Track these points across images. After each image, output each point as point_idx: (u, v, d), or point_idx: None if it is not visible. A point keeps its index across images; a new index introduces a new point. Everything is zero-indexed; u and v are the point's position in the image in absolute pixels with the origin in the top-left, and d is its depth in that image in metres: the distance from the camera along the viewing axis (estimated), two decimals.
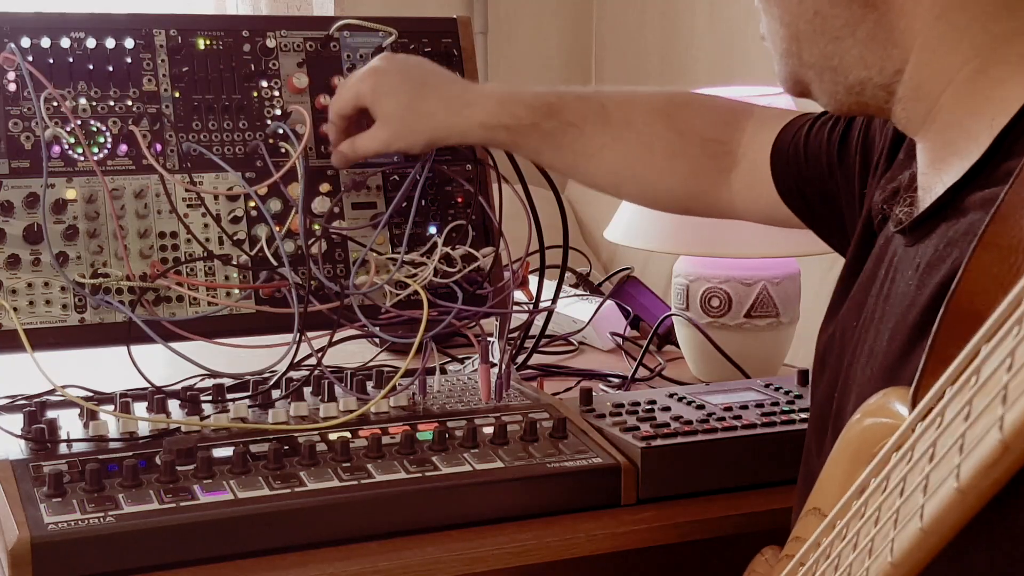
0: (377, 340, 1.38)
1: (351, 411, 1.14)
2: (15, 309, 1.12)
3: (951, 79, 0.81)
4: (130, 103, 1.21)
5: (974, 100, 0.79)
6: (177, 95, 1.23)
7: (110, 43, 1.21)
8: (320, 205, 1.24)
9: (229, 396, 1.16)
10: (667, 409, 1.17)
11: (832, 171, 1.07)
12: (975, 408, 0.46)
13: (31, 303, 1.14)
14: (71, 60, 1.19)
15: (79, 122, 1.18)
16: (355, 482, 1.00)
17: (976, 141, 0.78)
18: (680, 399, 1.21)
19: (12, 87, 1.17)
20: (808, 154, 1.10)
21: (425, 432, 1.09)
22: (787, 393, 1.24)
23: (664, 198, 1.24)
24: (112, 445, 1.05)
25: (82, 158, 1.17)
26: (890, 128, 0.97)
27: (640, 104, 1.21)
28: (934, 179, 0.83)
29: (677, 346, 1.56)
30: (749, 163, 1.17)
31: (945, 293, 0.75)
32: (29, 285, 1.14)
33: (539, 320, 1.40)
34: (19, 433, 1.06)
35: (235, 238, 1.21)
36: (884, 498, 0.56)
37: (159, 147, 1.21)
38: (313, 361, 1.17)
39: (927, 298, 0.78)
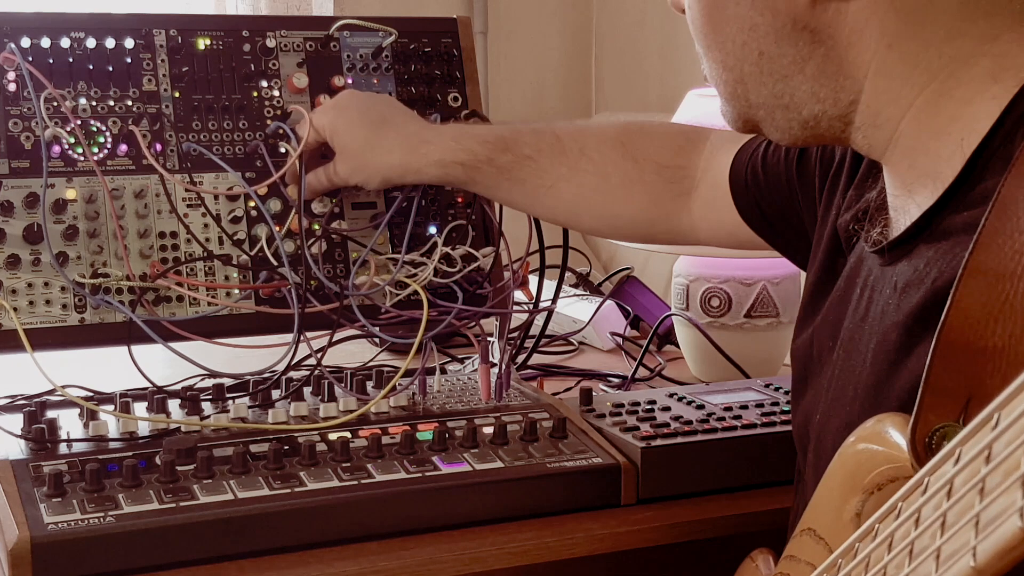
0: (377, 340, 1.38)
1: (351, 411, 1.14)
2: (15, 309, 1.12)
3: (910, 104, 0.79)
4: (130, 103, 1.21)
5: (938, 122, 0.78)
6: (177, 95, 1.23)
7: (110, 43, 1.21)
8: (320, 205, 1.24)
9: (229, 396, 1.16)
10: (667, 409, 1.17)
11: (792, 188, 1.06)
12: (990, 486, 0.45)
13: (31, 303, 1.14)
14: (71, 60, 1.19)
15: (79, 122, 1.18)
16: (355, 482, 1.00)
17: (948, 162, 0.77)
18: (680, 399, 1.21)
19: (12, 87, 1.17)
20: (767, 172, 1.09)
21: (425, 432, 1.09)
22: (787, 393, 1.23)
23: (624, 227, 1.23)
24: (112, 445, 1.05)
25: (82, 158, 1.17)
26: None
27: (594, 134, 1.21)
28: (906, 201, 0.82)
29: (677, 346, 1.56)
30: (708, 186, 1.16)
31: (926, 312, 0.75)
32: (29, 285, 1.14)
33: (539, 320, 1.41)
34: (19, 433, 1.06)
35: (235, 238, 1.21)
36: (891, 557, 0.54)
37: (159, 147, 1.21)
38: (313, 361, 1.17)
39: (908, 317, 0.77)
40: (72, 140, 1.17)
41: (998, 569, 0.45)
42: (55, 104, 1.17)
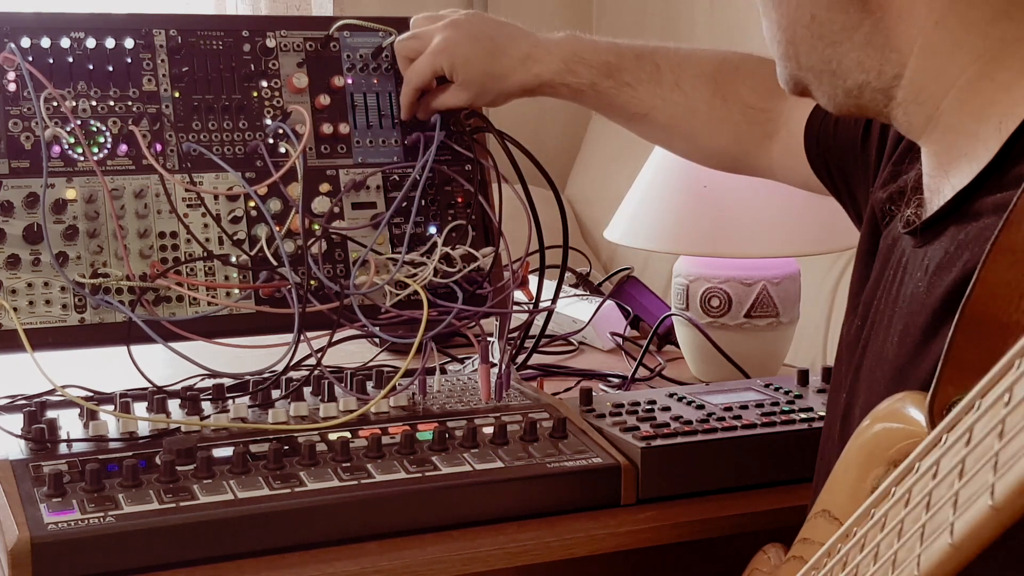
0: (377, 340, 1.38)
1: (351, 411, 1.14)
2: (15, 309, 1.12)
3: (953, 84, 0.80)
4: (130, 103, 1.21)
5: (978, 104, 0.79)
6: (177, 95, 1.23)
7: (110, 43, 1.21)
8: (320, 205, 1.24)
9: (229, 396, 1.16)
10: (667, 409, 1.17)
11: (855, 151, 1.07)
12: (1009, 427, 0.46)
13: (31, 303, 1.13)
14: (71, 60, 1.19)
15: (79, 122, 1.18)
16: (355, 482, 1.00)
17: (984, 144, 0.78)
18: (680, 399, 1.21)
19: (12, 87, 1.17)
20: (838, 130, 1.11)
21: (425, 432, 1.09)
22: (787, 393, 1.24)
23: (710, 157, 1.30)
24: (112, 445, 1.05)
25: (82, 158, 1.17)
26: None
27: (691, 66, 1.26)
28: (941, 181, 0.82)
29: (677, 346, 1.56)
30: (787, 133, 1.19)
31: (956, 295, 0.75)
32: (29, 285, 1.14)
33: (539, 320, 1.40)
34: (19, 433, 1.06)
35: (235, 238, 1.21)
36: (908, 512, 0.55)
37: (159, 147, 1.21)
38: (313, 361, 1.17)
39: (937, 300, 0.77)
40: (72, 140, 1.17)
41: (1017, 506, 0.45)
42: (55, 104, 1.17)
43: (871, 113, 0.88)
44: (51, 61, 1.19)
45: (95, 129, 1.19)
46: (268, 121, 1.25)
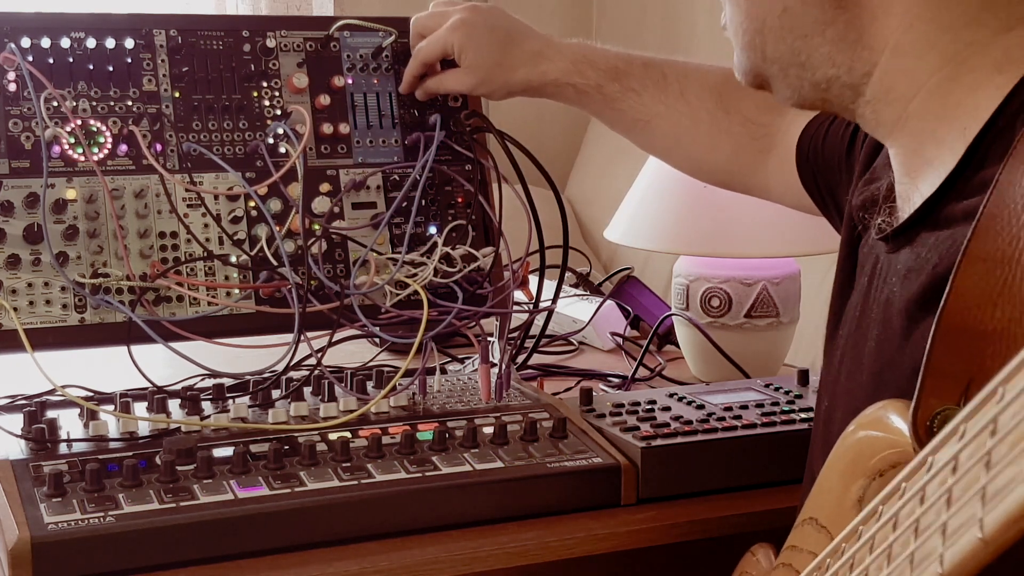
0: (377, 340, 1.38)
1: (351, 411, 1.14)
2: (15, 309, 1.12)
3: (922, 85, 0.80)
4: (130, 103, 1.21)
5: (945, 107, 0.79)
6: (177, 95, 1.23)
7: (110, 43, 1.21)
8: (320, 205, 1.24)
9: (229, 396, 1.16)
10: (667, 409, 1.17)
11: (840, 166, 1.07)
12: (995, 458, 0.46)
13: (31, 303, 1.13)
14: (71, 60, 1.19)
15: (79, 122, 1.18)
16: (355, 482, 1.00)
17: (950, 149, 0.78)
18: (680, 399, 1.21)
19: (12, 87, 1.17)
20: (826, 146, 1.11)
21: (425, 432, 1.09)
22: (787, 393, 1.24)
23: (708, 171, 1.29)
24: (112, 445, 1.05)
25: (82, 158, 1.17)
26: None
27: (697, 78, 1.26)
28: (910, 188, 0.83)
29: (677, 346, 1.56)
30: (783, 149, 1.19)
31: (925, 298, 0.76)
32: (29, 285, 1.14)
33: (539, 320, 1.40)
34: (19, 433, 1.06)
35: (235, 238, 1.21)
36: (896, 536, 0.55)
37: (159, 147, 1.21)
38: (313, 361, 1.17)
39: (907, 302, 0.78)
40: (72, 140, 1.17)
41: (1006, 539, 0.45)
42: (55, 104, 1.17)
43: (837, 108, 0.88)
44: (51, 61, 1.19)
45: (95, 129, 1.19)
46: (268, 121, 1.25)
